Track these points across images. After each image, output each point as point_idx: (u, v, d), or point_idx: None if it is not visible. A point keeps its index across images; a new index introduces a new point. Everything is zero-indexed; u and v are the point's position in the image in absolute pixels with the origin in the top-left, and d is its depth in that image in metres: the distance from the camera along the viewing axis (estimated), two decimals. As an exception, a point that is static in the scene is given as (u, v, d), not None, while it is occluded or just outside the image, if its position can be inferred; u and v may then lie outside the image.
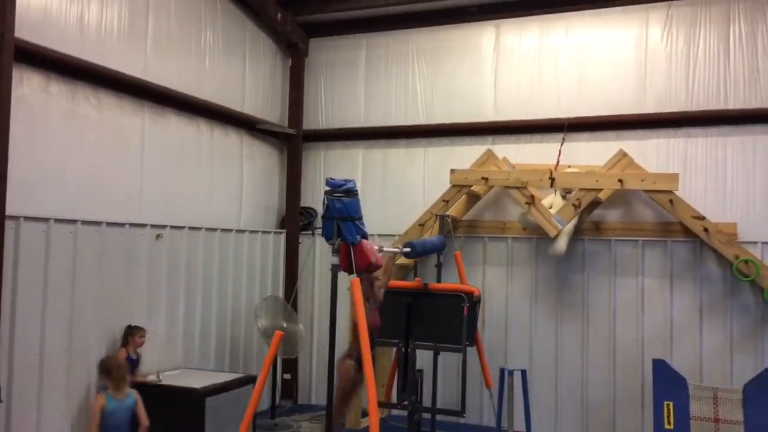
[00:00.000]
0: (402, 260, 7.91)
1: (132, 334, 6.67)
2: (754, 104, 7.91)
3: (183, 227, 7.73)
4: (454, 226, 8.63)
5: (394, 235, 8.81)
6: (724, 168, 8.01)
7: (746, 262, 7.23)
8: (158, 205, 7.44)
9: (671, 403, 7.24)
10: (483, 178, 8.15)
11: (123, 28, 7.01)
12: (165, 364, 7.36)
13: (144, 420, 5.94)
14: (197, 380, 6.89)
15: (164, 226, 7.42)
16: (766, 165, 7.85)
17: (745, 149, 7.95)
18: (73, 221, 6.28)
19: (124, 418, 5.87)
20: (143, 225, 7.14)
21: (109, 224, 6.67)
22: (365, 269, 6.12)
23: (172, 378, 7.02)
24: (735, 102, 8.01)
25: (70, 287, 6.24)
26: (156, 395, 6.60)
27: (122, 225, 6.85)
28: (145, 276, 7.18)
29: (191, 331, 7.87)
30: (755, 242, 7.68)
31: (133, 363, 6.61)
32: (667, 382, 7.34)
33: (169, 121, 7.70)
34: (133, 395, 6.00)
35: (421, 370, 7.17)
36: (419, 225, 8.44)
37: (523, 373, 6.55)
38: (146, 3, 7.31)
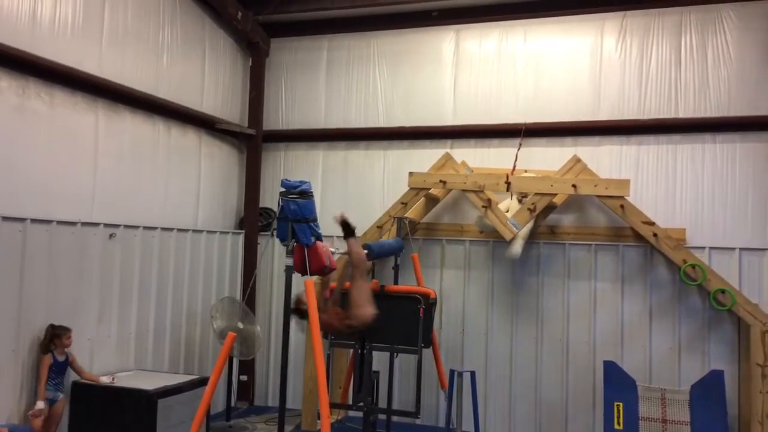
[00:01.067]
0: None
1: (58, 336, 6.24)
2: (704, 113, 8.16)
3: (137, 227, 7.62)
4: (413, 228, 8.70)
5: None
6: (674, 175, 8.23)
7: (693, 266, 7.43)
8: (112, 204, 7.32)
9: (621, 404, 7.43)
10: (441, 181, 8.22)
11: (77, 24, 6.88)
12: (117, 365, 7.26)
13: None
14: (150, 382, 6.80)
15: (118, 226, 7.30)
16: (714, 173, 8.10)
17: (695, 157, 8.19)
18: (22, 219, 6.13)
19: None
20: (96, 224, 7.01)
21: (60, 223, 6.53)
22: (319, 272, 6.16)
23: (124, 379, 6.91)
24: (685, 111, 8.24)
25: (17, 287, 6.09)
26: (107, 397, 6.51)
27: (74, 224, 6.72)
28: (98, 276, 7.05)
29: (144, 332, 7.76)
30: (703, 247, 7.92)
31: (63, 365, 6.30)
32: (618, 383, 7.53)
33: (124, 118, 7.59)
34: None
35: (377, 372, 7.22)
36: (377, 227, 8.47)
37: (473, 374, 6.62)
38: (102, -2, 7.20)
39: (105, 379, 6.66)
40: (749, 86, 8.02)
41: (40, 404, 5.95)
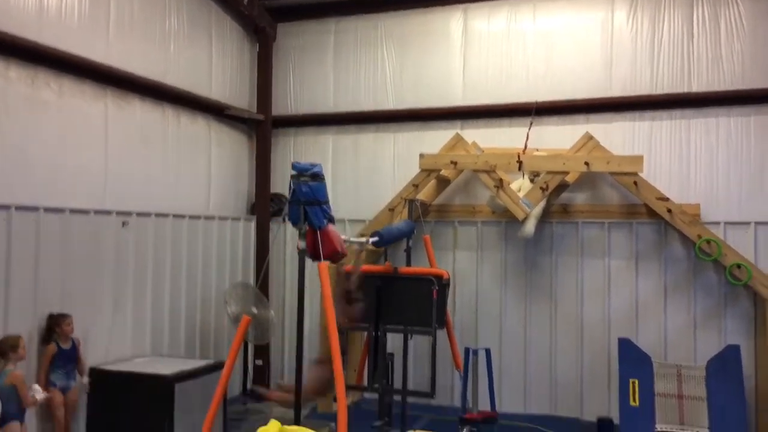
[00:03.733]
0: (371, 246, 7.92)
1: (57, 323, 6.19)
2: (717, 87, 8.04)
3: (149, 214, 7.65)
4: (425, 210, 8.67)
5: (364, 221, 8.83)
6: (688, 150, 8.14)
7: (708, 241, 7.37)
8: (124, 192, 7.34)
9: (636, 381, 7.40)
10: (452, 162, 8.18)
11: (84, 12, 6.87)
12: (133, 351, 7.33)
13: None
14: (166, 367, 6.85)
15: (130, 213, 7.33)
16: (728, 147, 8.00)
17: (709, 131, 8.09)
18: (36, 208, 6.17)
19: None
20: (108, 212, 7.05)
21: (73, 211, 6.57)
22: (331, 257, 6.13)
23: (141, 365, 6.97)
24: (699, 85, 8.13)
25: (32, 276, 6.15)
26: (125, 382, 6.58)
27: (86, 212, 6.76)
28: (112, 264, 7.10)
29: (160, 318, 7.82)
30: (718, 222, 7.84)
31: (70, 353, 6.27)
32: (633, 360, 7.50)
33: (134, 106, 7.59)
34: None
35: (392, 354, 7.22)
36: (389, 210, 8.45)
37: (488, 352, 6.63)
38: (108, -14, 7.18)
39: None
40: (763, 58, 7.89)
41: (38, 392, 5.68)
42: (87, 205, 6.78)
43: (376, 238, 6.93)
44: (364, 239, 7.06)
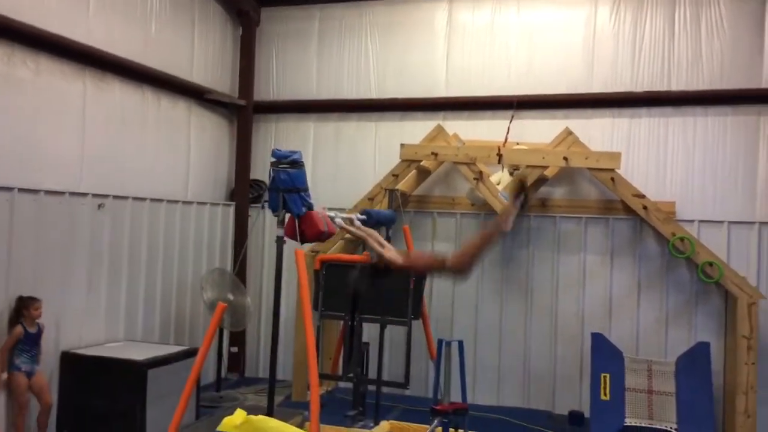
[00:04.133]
0: (349, 236, 7.92)
1: (26, 306, 6.06)
2: (696, 86, 8.13)
3: (127, 197, 7.56)
4: (404, 201, 8.68)
5: (344, 209, 8.79)
6: (665, 148, 8.24)
7: (682, 239, 7.47)
8: (101, 174, 7.24)
9: (608, 375, 7.50)
10: (433, 153, 8.19)
11: (63, -10, 6.75)
12: (107, 335, 7.26)
13: None
14: (139, 352, 6.80)
15: (107, 196, 7.23)
16: (705, 146, 8.11)
17: (686, 130, 8.19)
18: (10, 189, 6.07)
19: None
20: (84, 194, 6.95)
21: (48, 192, 6.47)
22: (316, 238, 6.12)
23: (114, 350, 6.92)
24: (678, 83, 8.22)
25: (5, 257, 6.05)
26: (97, 367, 6.53)
27: (62, 194, 6.66)
28: (87, 247, 7.01)
29: (134, 303, 7.75)
30: (692, 220, 7.96)
31: (35, 337, 6.14)
32: (605, 354, 7.61)
33: (113, 87, 7.48)
34: None
35: (367, 343, 7.26)
36: (369, 199, 8.44)
37: (460, 344, 6.65)
38: (88, -36, 7.05)
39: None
40: (742, 59, 8.00)
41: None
42: (62, 187, 6.68)
43: (364, 216, 6.97)
44: (351, 216, 7.06)
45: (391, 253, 5.38)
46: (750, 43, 7.98)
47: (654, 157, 8.25)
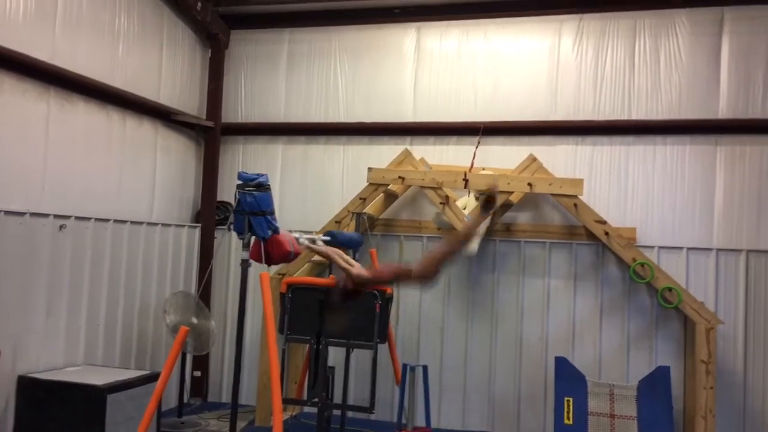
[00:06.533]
0: (317, 257, 7.91)
1: None
2: (655, 116, 8.38)
3: (89, 218, 7.44)
4: (371, 224, 8.71)
5: (311, 232, 8.78)
6: (626, 175, 8.44)
7: (642, 265, 7.64)
8: (63, 195, 7.13)
9: (571, 399, 7.58)
10: (400, 177, 8.26)
11: (29, 8, 6.67)
12: (66, 359, 7.09)
13: None
14: (99, 377, 6.67)
15: (68, 217, 7.12)
16: (664, 174, 8.33)
17: (646, 158, 8.41)
18: (-33, 209, 5.95)
19: None
20: (45, 215, 6.83)
21: (8, 213, 6.34)
22: (283, 258, 6.11)
23: (73, 374, 6.76)
24: (638, 113, 8.45)
25: (-39, 278, 5.91)
26: (54, 391, 6.37)
27: (22, 214, 6.53)
28: (47, 268, 6.86)
29: (94, 327, 7.58)
30: (652, 246, 8.15)
31: None
32: (568, 379, 7.69)
33: (77, 107, 7.40)
34: None
35: (332, 367, 7.21)
36: (336, 222, 8.45)
37: (425, 368, 6.72)
38: (55, -17, 7.01)
39: None
40: (699, 90, 8.28)
41: None
42: (23, 207, 6.56)
43: (328, 238, 6.97)
44: (316, 236, 7.05)
45: (357, 269, 5.43)
46: (707, 75, 8.27)
47: (615, 184, 8.45)
